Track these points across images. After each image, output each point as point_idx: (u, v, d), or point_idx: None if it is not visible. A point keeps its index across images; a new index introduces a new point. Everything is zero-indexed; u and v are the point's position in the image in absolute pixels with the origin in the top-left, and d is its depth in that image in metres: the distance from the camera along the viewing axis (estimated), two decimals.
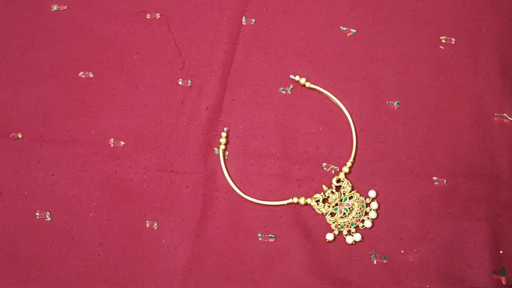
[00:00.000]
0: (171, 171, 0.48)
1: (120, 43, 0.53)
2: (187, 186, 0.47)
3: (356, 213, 0.45)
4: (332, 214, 0.46)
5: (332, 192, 0.46)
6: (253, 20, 0.53)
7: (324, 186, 0.46)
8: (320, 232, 0.45)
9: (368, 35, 0.51)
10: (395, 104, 0.48)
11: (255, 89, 0.50)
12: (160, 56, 0.52)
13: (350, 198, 0.46)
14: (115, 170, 0.48)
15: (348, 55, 0.51)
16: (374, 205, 0.45)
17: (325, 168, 0.47)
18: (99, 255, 0.46)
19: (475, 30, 0.50)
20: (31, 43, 0.53)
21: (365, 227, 0.45)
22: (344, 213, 0.45)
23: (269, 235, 0.45)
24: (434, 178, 0.46)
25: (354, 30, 0.52)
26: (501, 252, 0.43)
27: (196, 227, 0.46)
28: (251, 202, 0.46)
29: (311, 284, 0.43)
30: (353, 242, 0.45)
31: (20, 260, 0.46)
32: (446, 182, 0.46)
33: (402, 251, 0.44)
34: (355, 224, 0.45)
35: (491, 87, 0.48)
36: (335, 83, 0.50)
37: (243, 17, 0.53)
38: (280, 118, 0.49)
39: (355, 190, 0.46)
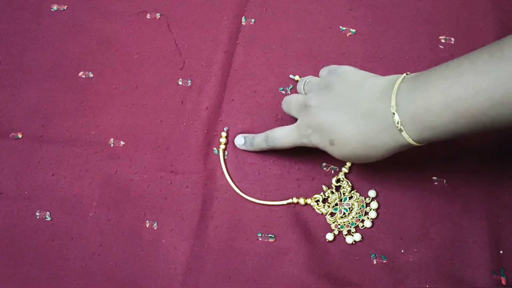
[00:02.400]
0: (171, 171, 0.48)
1: (120, 43, 0.53)
2: (187, 186, 0.47)
3: (356, 213, 0.45)
4: (332, 214, 0.46)
5: (332, 192, 0.46)
6: (253, 20, 0.53)
7: (324, 186, 0.46)
8: (320, 232, 0.45)
9: (367, 35, 0.51)
10: None
11: (255, 89, 0.50)
12: (160, 56, 0.52)
13: (350, 198, 0.46)
14: (115, 170, 0.48)
15: (347, 55, 0.51)
16: (374, 205, 0.45)
17: (324, 168, 0.47)
18: (99, 255, 0.46)
19: (474, 30, 0.50)
20: (31, 43, 0.53)
21: (365, 227, 0.45)
22: (344, 213, 0.45)
23: (269, 235, 0.45)
24: (434, 178, 0.46)
25: (354, 30, 0.52)
26: (501, 252, 0.43)
27: (196, 227, 0.46)
28: (251, 202, 0.46)
29: (311, 284, 0.43)
30: (353, 242, 0.45)
31: (20, 260, 0.46)
32: (446, 182, 0.46)
33: (402, 251, 0.44)
34: (355, 224, 0.45)
35: None
36: None
37: (243, 17, 0.53)
38: (280, 118, 0.49)
39: (355, 190, 0.46)
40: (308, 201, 0.46)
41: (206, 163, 0.48)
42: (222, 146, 0.48)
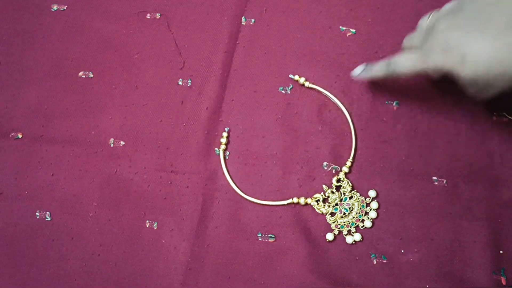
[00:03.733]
0: (171, 171, 0.48)
1: (120, 43, 0.53)
2: (187, 186, 0.47)
3: (356, 213, 0.45)
4: (332, 214, 0.46)
5: (332, 192, 0.46)
6: (253, 20, 0.53)
7: (324, 186, 0.46)
8: (320, 232, 0.45)
9: (367, 35, 0.51)
10: (394, 104, 0.48)
11: (255, 89, 0.50)
12: (160, 56, 0.52)
13: (350, 198, 0.46)
14: (115, 170, 0.48)
15: (347, 55, 0.51)
16: (374, 205, 0.45)
17: (325, 168, 0.47)
18: (99, 255, 0.46)
19: None
20: (31, 43, 0.54)
21: (365, 227, 0.45)
22: (344, 213, 0.45)
23: (269, 235, 0.45)
24: (434, 178, 0.46)
25: (354, 30, 0.52)
26: (501, 252, 0.43)
27: (196, 227, 0.46)
28: (251, 202, 0.46)
29: (311, 284, 0.43)
30: (353, 242, 0.45)
31: (20, 260, 0.46)
32: (446, 182, 0.46)
33: (402, 251, 0.44)
34: (355, 224, 0.45)
35: None
36: (335, 83, 0.50)
37: (243, 17, 0.53)
38: (280, 117, 0.49)
39: (355, 190, 0.46)
40: (308, 201, 0.46)
41: (206, 163, 0.48)
42: (223, 146, 0.48)
